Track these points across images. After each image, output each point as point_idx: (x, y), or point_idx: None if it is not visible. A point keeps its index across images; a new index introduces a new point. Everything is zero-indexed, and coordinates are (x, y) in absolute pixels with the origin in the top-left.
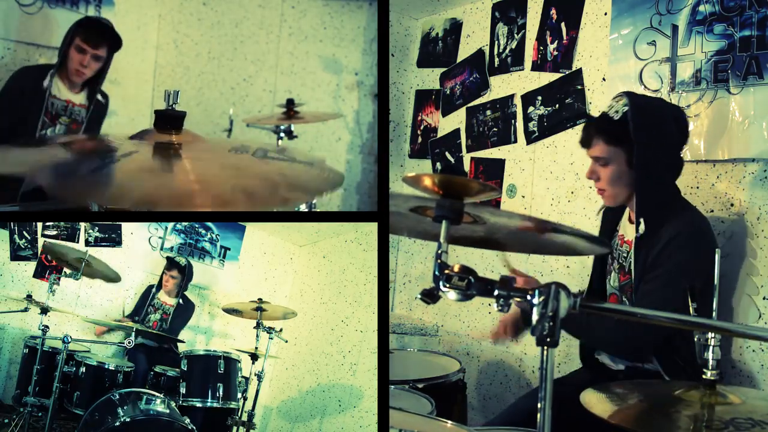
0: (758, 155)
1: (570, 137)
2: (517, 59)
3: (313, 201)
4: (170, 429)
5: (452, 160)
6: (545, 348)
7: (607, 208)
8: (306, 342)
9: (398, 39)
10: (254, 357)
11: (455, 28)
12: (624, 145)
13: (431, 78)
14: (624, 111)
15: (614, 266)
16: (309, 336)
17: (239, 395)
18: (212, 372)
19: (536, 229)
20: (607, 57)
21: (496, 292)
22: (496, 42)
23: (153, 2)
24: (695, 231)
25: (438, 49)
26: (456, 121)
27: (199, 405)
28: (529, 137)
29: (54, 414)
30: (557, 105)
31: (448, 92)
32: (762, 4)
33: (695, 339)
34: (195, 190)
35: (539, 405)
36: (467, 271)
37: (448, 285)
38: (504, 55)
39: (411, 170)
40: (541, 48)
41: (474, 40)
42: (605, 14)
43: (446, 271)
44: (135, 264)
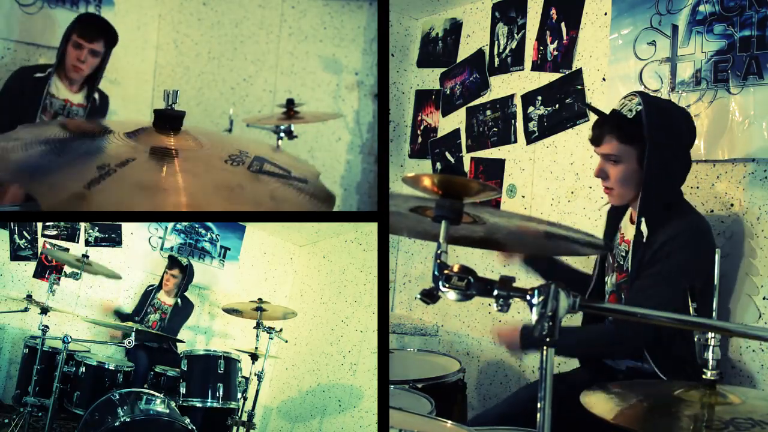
0: (758, 155)
1: (570, 137)
2: (517, 59)
3: None
4: (170, 429)
5: (452, 160)
6: (545, 348)
7: (613, 207)
8: (306, 342)
9: (398, 39)
10: (254, 357)
11: (455, 28)
12: (636, 144)
13: (431, 78)
14: (638, 110)
15: (614, 265)
16: (309, 336)
17: (239, 395)
18: (212, 372)
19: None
20: (607, 57)
21: (496, 292)
22: (496, 42)
23: (153, 2)
24: (696, 231)
25: (438, 49)
26: (456, 121)
27: (199, 405)
28: (529, 137)
29: (54, 414)
30: (557, 105)
31: (448, 92)
32: (762, 4)
33: (695, 339)
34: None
35: (539, 405)
36: (467, 271)
37: (448, 285)
38: (504, 55)
39: (411, 170)
40: (541, 48)
41: (474, 40)
42: (605, 14)
43: (446, 271)
44: (135, 264)
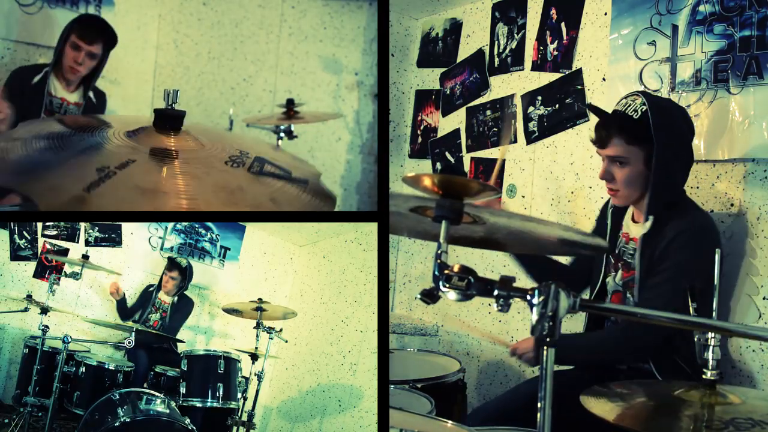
0: (758, 155)
1: (570, 137)
2: (517, 59)
3: None
4: (170, 429)
5: (452, 160)
6: (545, 348)
7: (605, 205)
8: (306, 342)
9: (398, 39)
10: (254, 357)
11: (455, 28)
12: (642, 145)
13: (431, 78)
14: (643, 110)
15: (619, 264)
16: (309, 336)
17: (239, 395)
18: (212, 372)
19: None
20: (607, 57)
21: (496, 292)
22: (496, 42)
23: (153, 2)
24: (704, 227)
25: (438, 49)
26: (456, 121)
27: (199, 405)
28: (529, 137)
29: (54, 414)
30: (557, 105)
31: (448, 92)
32: (762, 4)
33: (695, 339)
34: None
35: (539, 405)
36: (467, 271)
37: (448, 285)
38: (504, 55)
39: (411, 170)
40: (541, 48)
41: (474, 40)
42: (605, 14)
43: (446, 271)
44: (135, 264)
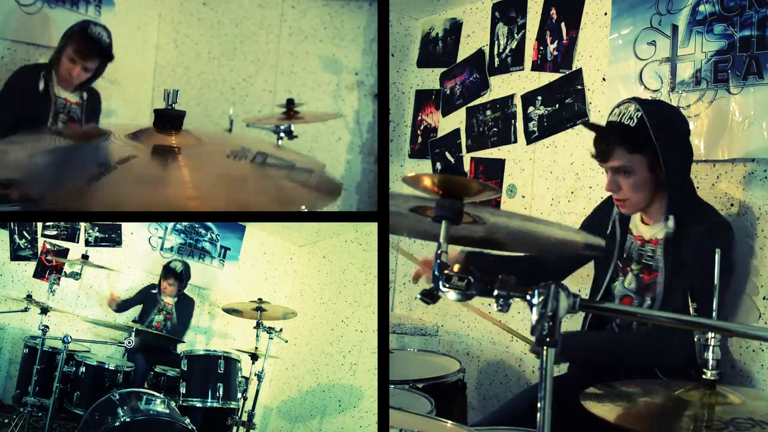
0: (758, 155)
1: (570, 137)
2: (517, 59)
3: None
4: (170, 429)
5: (452, 160)
6: (545, 348)
7: (600, 206)
8: (306, 342)
9: (398, 39)
10: (254, 357)
11: (455, 28)
12: (644, 151)
13: (431, 78)
14: (638, 116)
15: (631, 267)
16: (309, 336)
17: (239, 395)
18: (212, 372)
19: None
20: (607, 57)
21: (496, 292)
22: (496, 42)
23: (153, 2)
24: (722, 222)
25: (438, 49)
26: (456, 121)
27: (199, 405)
28: (529, 137)
29: (54, 414)
30: (557, 105)
31: (448, 92)
32: (762, 4)
33: (695, 339)
34: (190, 206)
35: (539, 404)
36: (467, 271)
37: (448, 285)
38: (504, 55)
39: (411, 170)
40: (541, 48)
41: (474, 40)
42: (605, 14)
43: (446, 271)
44: (135, 264)
